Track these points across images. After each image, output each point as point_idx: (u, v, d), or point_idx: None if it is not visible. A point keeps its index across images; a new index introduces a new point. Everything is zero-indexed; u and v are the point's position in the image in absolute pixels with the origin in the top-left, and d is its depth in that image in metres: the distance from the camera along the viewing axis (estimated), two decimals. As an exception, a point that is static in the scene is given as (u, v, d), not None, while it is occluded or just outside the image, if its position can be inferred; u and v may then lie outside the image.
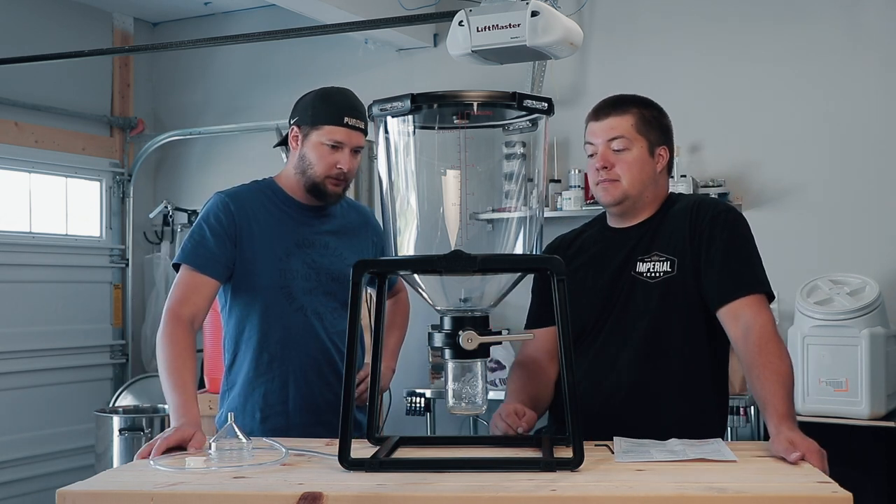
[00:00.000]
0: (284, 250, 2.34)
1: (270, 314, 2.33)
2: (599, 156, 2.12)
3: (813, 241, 4.21)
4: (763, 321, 1.96)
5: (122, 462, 4.11)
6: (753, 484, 1.48)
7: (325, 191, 2.34)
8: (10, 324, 4.89)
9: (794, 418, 1.80)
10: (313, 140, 2.32)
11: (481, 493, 1.44)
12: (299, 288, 2.33)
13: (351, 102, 2.34)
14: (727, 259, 2.03)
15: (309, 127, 2.33)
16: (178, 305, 2.22)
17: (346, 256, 2.39)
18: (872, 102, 4.14)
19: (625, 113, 2.12)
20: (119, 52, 5.30)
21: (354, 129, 2.32)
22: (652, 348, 2.07)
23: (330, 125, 2.30)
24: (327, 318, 2.37)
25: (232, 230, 2.30)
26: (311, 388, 2.34)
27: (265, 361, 2.34)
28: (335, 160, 2.31)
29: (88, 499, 1.51)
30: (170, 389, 2.11)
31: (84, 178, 5.44)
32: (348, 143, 2.31)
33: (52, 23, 5.16)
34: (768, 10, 4.33)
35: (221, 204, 2.33)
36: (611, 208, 2.17)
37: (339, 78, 5.25)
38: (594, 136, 2.14)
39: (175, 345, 2.17)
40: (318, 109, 2.33)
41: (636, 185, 2.11)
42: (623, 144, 2.10)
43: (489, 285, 1.69)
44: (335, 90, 2.37)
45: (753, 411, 3.84)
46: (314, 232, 2.39)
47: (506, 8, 2.54)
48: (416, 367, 4.75)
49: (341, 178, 2.33)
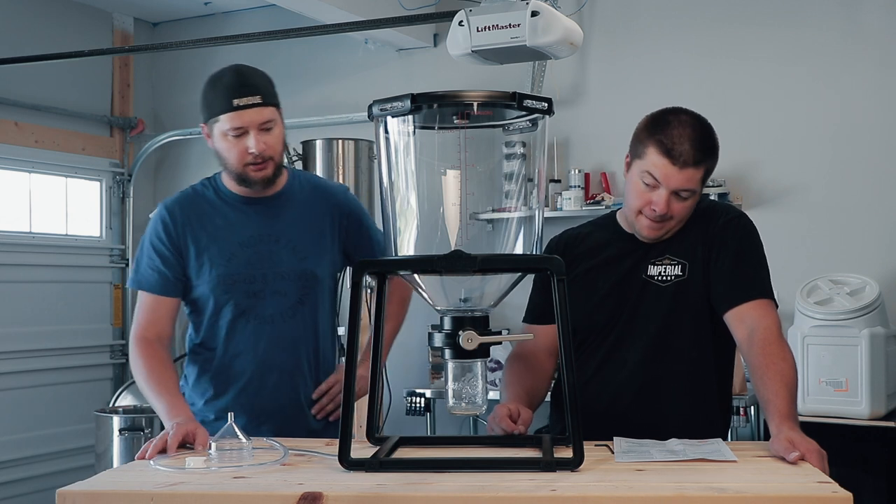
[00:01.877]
0: (227, 254, 2.23)
1: (216, 321, 2.25)
2: (663, 202, 2.01)
3: (813, 241, 4.21)
4: (768, 324, 1.97)
5: (122, 462, 4.11)
6: (753, 484, 1.48)
7: (250, 178, 2.20)
8: (9, 324, 4.89)
9: (795, 419, 1.80)
10: (216, 134, 2.19)
11: (481, 493, 1.44)
12: (242, 292, 2.22)
13: (239, 80, 2.17)
14: (737, 264, 2.05)
15: (209, 122, 2.19)
16: (143, 330, 2.21)
17: (301, 249, 2.27)
18: (872, 102, 4.14)
19: (702, 165, 2.02)
20: (119, 52, 5.30)
21: (249, 107, 2.13)
22: (661, 350, 2.09)
23: (222, 114, 2.14)
24: (276, 320, 2.25)
25: (175, 243, 2.23)
26: (249, 397, 2.24)
27: (212, 366, 2.27)
28: (243, 147, 2.16)
29: (88, 499, 1.51)
30: (156, 396, 2.10)
31: (84, 178, 5.45)
32: (250, 125, 2.14)
33: (52, 23, 5.16)
34: (768, 11, 4.34)
35: (160, 220, 2.25)
36: (644, 240, 2.12)
37: (339, 78, 5.30)
38: (666, 179, 2.00)
39: (149, 358, 2.17)
40: (209, 100, 2.18)
41: (682, 223, 2.10)
42: (689, 195, 2.04)
43: (489, 285, 1.69)
44: (222, 72, 2.20)
45: (753, 411, 3.84)
46: (262, 227, 2.26)
47: (506, 8, 2.53)
48: (416, 367, 4.75)
49: (259, 160, 2.17)
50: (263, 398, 2.25)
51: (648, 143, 2.02)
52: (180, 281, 2.25)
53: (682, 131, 2.00)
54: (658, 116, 2.06)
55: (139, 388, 2.21)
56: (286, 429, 2.16)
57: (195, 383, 2.30)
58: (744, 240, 2.08)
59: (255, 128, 2.15)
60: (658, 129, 2.02)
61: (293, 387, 2.28)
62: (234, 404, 2.20)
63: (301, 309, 2.28)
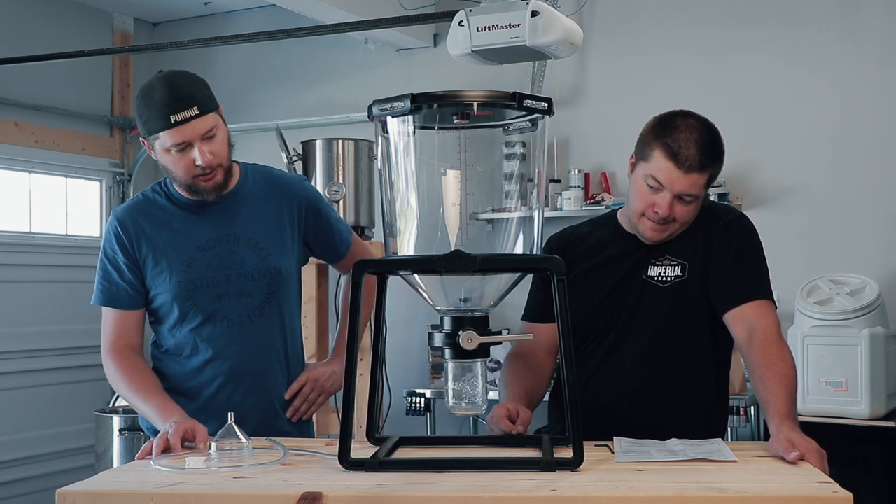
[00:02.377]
0: (186, 259, 2.17)
1: (179, 328, 2.20)
2: (666, 204, 2.01)
3: (813, 241, 4.21)
4: (767, 324, 1.97)
5: (122, 462, 4.11)
6: (753, 484, 1.48)
7: (201, 188, 2.13)
8: (9, 324, 4.89)
9: (795, 418, 1.80)
10: (158, 150, 2.10)
11: (481, 493, 1.44)
12: (205, 296, 2.17)
13: (173, 93, 2.05)
14: (737, 265, 2.05)
15: (147, 138, 2.11)
16: (113, 343, 2.18)
17: (264, 245, 2.21)
18: (872, 102, 4.14)
19: (708, 170, 2.01)
20: (119, 52, 5.30)
21: (187, 121, 2.04)
22: (660, 350, 2.09)
23: (161, 131, 2.05)
24: (244, 322, 2.19)
25: (129, 255, 2.17)
26: (222, 401, 2.17)
27: (180, 372, 2.21)
28: (189, 160, 2.08)
29: (88, 499, 1.51)
30: (142, 401, 2.08)
31: (84, 178, 5.45)
32: (192, 137, 2.06)
33: (52, 23, 5.16)
34: (768, 10, 4.34)
35: (112, 231, 2.19)
36: (647, 242, 2.12)
37: (339, 78, 5.30)
38: (670, 183, 1.99)
39: (126, 367, 2.15)
40: (145, 117, 2.08)
41: (686, 226, 2.09)
42: (692, 199, 2.03)
43: (489, 285, 1.69)
44: (152, 86, 2.09)
45: (753, 411, 3.84)
46: (219, 227, 2.19)
47: (506, 8, 2.53)
48: (416, 367, 4.75)
49: (207, 171, 2.10)
50: (235, 402, 2.16)
51: (655, 146, 2.01)
52: (140, 293, 2.19)
53: (689, 136, 1.99)
54: (665, 119, 2.05)
55: (124, 399, 2.17)
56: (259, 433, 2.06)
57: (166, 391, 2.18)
58: (744, 240, 2.08)
59: (198, 139, 2.07)
60: (665, 132, 2.01)
61: (266, 389, 2.23)
62: (205, 410, 2.13)
63: (268, 308, 2.22)
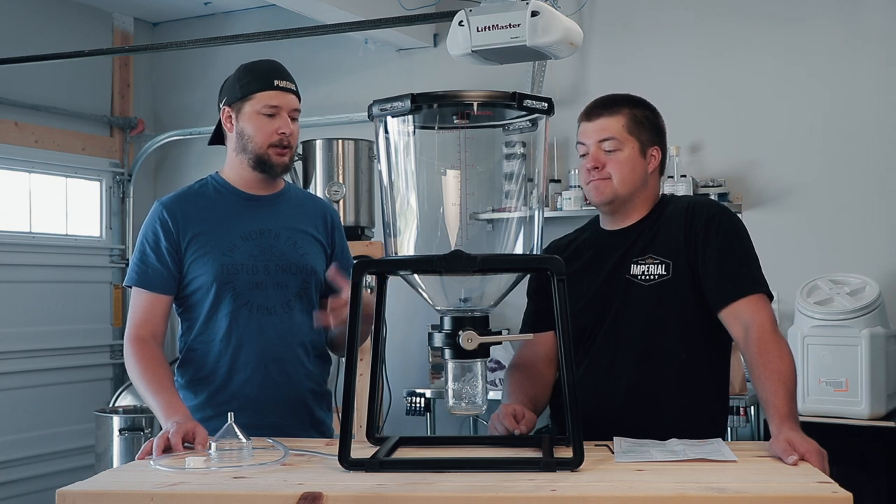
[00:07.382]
0: (229, 245, 2.26)
1: (215, 312, 2.25)
2: (591, 156, 2.13)
3: (813, 241, 4.21)
4: (761, 320, 1.95)
5: (122, 462, 4.11)
6: (753, 484, 1.48)
7: (271, 162, 2.27)
8: (9, 324, 4.89)
9: (795, 418, 1.79)
10: (247, 112, 2.26)
11: (481, 493, 1.44)
12: (244, 282, 2.25)
13: (277, 67, 2.30)
14: (724, 261, 2.03)
15: (240, 101, 2.27)
16: (137, 328, 2.22)
17: (301, 245, 2.32)
18: (873, 102, 4.14)
19: (616, 113, 2.12)
20: (119, 52, 5.30)
21: (287, 90, 2.26)
22: (648, 350, 2.07)
23: (261, 91, 2.24)
24: (278, 311, 2.27)
25: (171, 240, 2.25)
26: (254, 388, 2.24)
27: (211, 360, 2.26)
28: (275, 126, 2.25)
29: (88, 499, 1.51)
30: (151, 394, 2.10)
31: (84, 178, 5.44)
32: (284, 107, 2.25)
33: (52, 23, 5.16)
34: (768, 10, 4.33)
35: (157, 216, 2.28)
36: (601, 207, 2.18)
37: (339, 78, 5.30)
38: (586, 137, 2.15)
39: (144, 356, 2.17)
40: (246, 81, 2.27)
41: (627, 185, 2.11)
42: (614, 145, 2.11)
43: (489, 285, 1.69)
44: (258, 61, 2.32)
45: (753, 411, 3.84)
46: (263, 221, 2.30)
47: (506, 8, 2.53)
48: (416, 367, 4.75)
49: (285, 143, 2.26)
50: (267, 389, 2.25)
51: (579, 122, 2.19)
52: (174, 278, 2.26)
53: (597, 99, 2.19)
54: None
55: (134, 387, 2.21)
56: (290, 421, 2.20)
57: (192, 381, 2.28)
58: (728, 235, 2.05)
59: (287, 111, 2.26)
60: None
61: (296, 378, 2.29)
62: (237, 397, 2.21)
63: (299, 301, 2.30)
